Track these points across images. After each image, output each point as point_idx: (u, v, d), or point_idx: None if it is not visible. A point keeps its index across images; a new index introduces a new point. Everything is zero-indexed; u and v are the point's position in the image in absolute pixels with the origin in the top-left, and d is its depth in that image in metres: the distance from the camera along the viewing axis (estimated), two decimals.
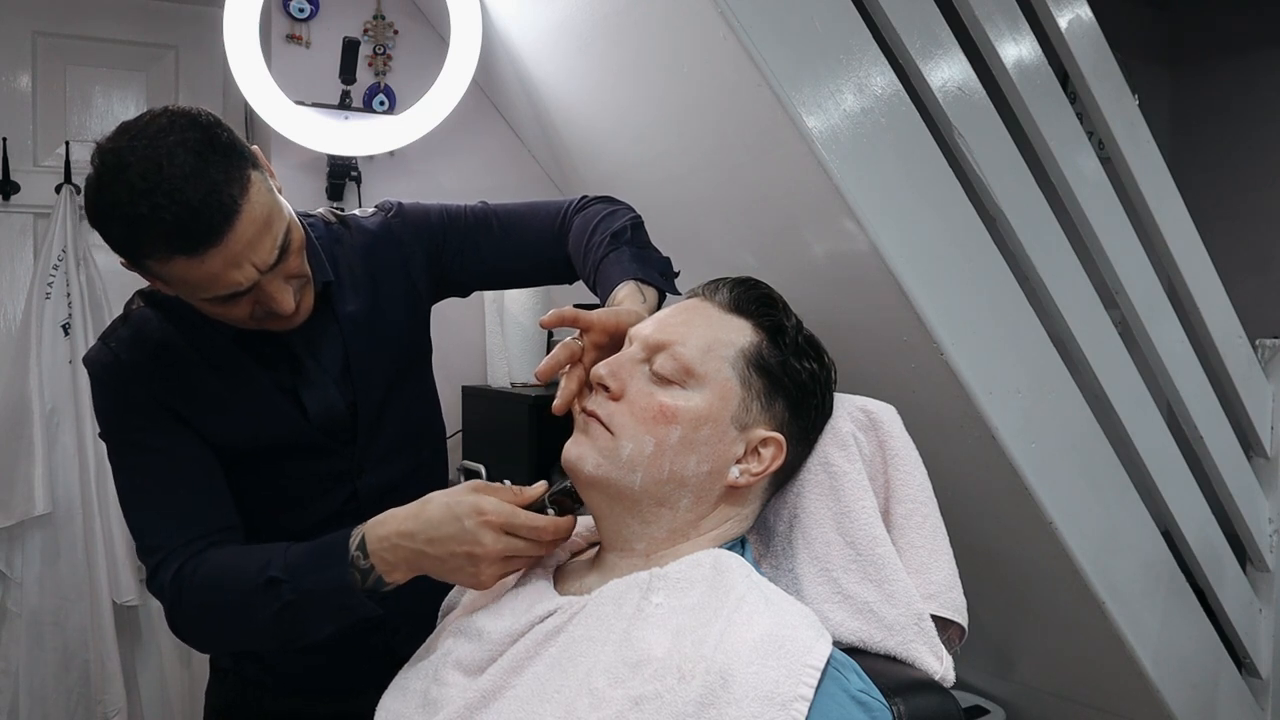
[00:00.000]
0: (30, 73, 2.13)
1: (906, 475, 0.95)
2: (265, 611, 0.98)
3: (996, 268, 1.53)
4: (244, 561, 1.01)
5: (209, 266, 0.95)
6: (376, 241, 1.24)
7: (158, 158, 0.91)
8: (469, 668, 0.85)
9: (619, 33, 1.66)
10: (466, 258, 1.28)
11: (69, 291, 2.07)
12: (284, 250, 1.01)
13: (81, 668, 2.06)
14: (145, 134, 0.93)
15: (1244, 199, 3.41)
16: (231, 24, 1.84)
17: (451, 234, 1.28)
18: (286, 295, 1.04)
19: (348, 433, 1.19)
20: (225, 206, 0.93)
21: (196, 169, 0.92)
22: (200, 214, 0.91)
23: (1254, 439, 1.95)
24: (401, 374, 1.24)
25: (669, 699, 0.72)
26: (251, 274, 0.98)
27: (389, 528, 0.93)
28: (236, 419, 1.12)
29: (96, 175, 0.94)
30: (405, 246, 1.25)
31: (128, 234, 0.93)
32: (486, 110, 2.23)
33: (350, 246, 1.22)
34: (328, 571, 0.95)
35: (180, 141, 0.93)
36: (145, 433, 1.09)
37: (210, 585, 1.01)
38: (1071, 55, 1.68)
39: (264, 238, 0.97)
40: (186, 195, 0.91)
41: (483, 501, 0.89)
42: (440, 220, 1.28)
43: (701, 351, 0.88)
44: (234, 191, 0.94)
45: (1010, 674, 1.97)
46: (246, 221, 0.95)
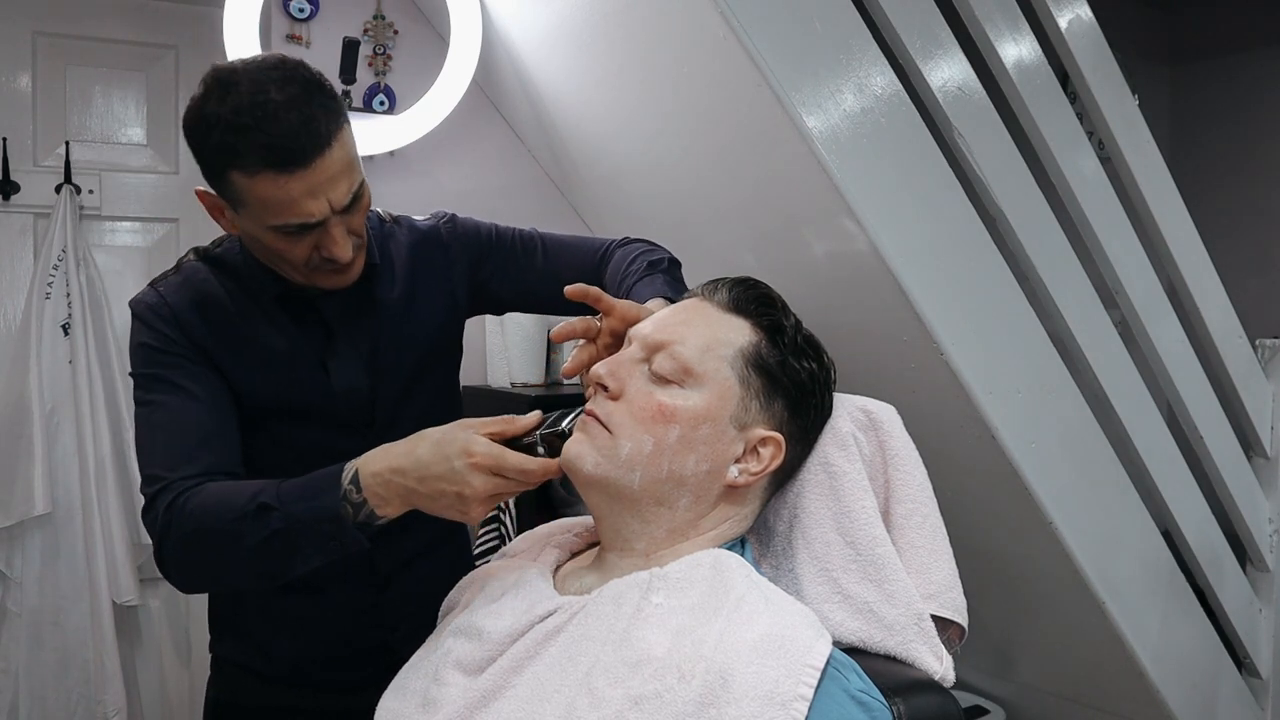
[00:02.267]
0: (30, 73, 2.13)
1: (906, 475, 0.95)
2: (253, 539, 0.97)
3: (996, 268, 1.53)
4: (236, 491, 1.01)
5: (291, 189, 1.00)
6: (424, 241, 1.29)
7: (267, 83, 0.99)
8: (469, 667, 0.85)
9: (619, 33, 1.66)
10: (507, 275, 1.32)
11: (69, 291, 2.07)
12: (355, 199, 1.06)
13: (81, 668, 2.06)
14: (259, 64, 1.02)
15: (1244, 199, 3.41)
16: (231, 24, 1.84)
17: (497, 250, 1.32)
18: (347, 245, 1.08)
19: (366, 415, 1.22)
20: (319, 137, 1.00)
21: (301, 99, 0.99)
22: (297, 136, 0.98)
23: (1254, 439, 1.95)
24: (424, 371, 1.27)
25: (669, 699, 0.72)
26: (324, 208, 1.03)
27: (381, 464, 0.95)
28: (266, 374, 1.16)
29: (204, 88, 1.00)
30: (450, 252, 1.30)
31: (228, 141, 0.98)
32: (486, 110, 2.23)
33: (399, 242, 1.27)
34: (319, 499, 0.96)
35: (290, 77, 1.00)
36: (172, 370, 1.12)
37: (201, 513, 1.01)
38: (1071, 55, 1.68)
39: (343, 179, 1.03)
40: (289, 117, 0.98)
41: (473, 443, 0.90)
42: (489, 236, 1.33)
43: (700, 351, 0.88)
44: (330, 127, 1.01)
45: (1010, 674, 1.97)
46: (332, 159, 1.01)
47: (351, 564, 1.18)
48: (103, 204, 2.18)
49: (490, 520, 1.86)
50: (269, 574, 1.02)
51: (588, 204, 2.26)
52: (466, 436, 0.91)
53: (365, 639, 1.24)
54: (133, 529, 2.13)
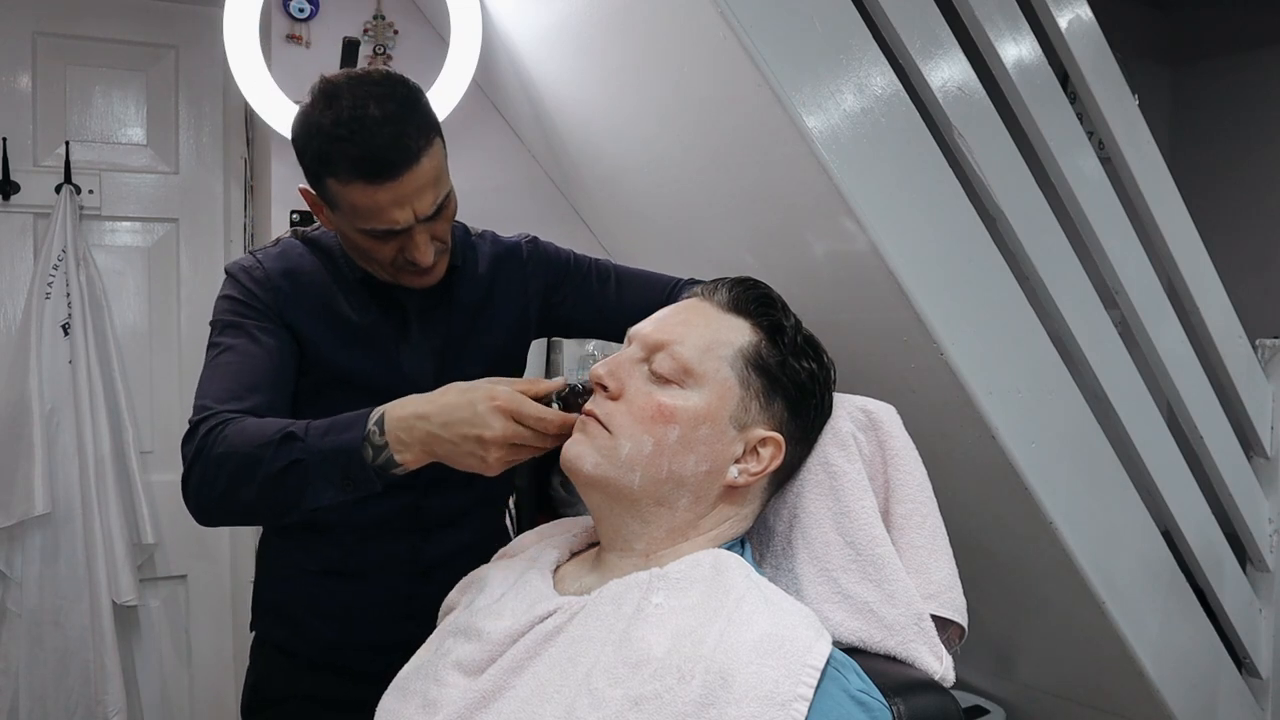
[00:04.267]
0: (30, 73, 2.13)
1: (906, 475, 0.95)
2: (272, 465, 1.00)
3: (996, 268, 1.53)
4: (271, 422, 1.06)
5: (379, 198, 1.09)
6: (507, 255, 1.36)
7: (367, 99, 1.07)
8: (469, 668, 0.85)
9: (619, 33, 1.66)
10: (580, 302, 1.39)
11: (69, 291, 2.07)
12: (440, 209, 1.14)
13: (81, 668, 2.06)
14: (363, 79, 1.10)
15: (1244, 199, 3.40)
16: (231, 24, 1.84)
17: (573, 276, 1.39)
18: (429, 250, 1.16)
19: None
20: (408, 152, 1.08)
21: (395, 116, 1.07)
22: (388, 151, 1.06)
23: (1254, 439, 1.95)
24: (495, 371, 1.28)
25: (669, 699, 0.72)
26: (409, 217, 1.11)
27: (408, 409, 0.98)
28: (342, 345, 1.23)
29: (311, 99, 1.10)
30: (528, 269, 1.37)
31: (325, 152, 1.08)
32: (486, 110, 2.23)
33: (483, 252, 1.34)
34: (343, 435, 0.99)
35: (389, 94, 1.09)
36: (248, 321, 1.20)
37: (233, 436, 1.05)
38: (1071, 55, 1.68)
39: (428, 191, 1.11)
40: (382, 133, 1.06)
41: (496, 388, 0.96)
42: (567, 261, 1.41)
43: (700, 351, 0.88)
44: (420, 144, 1.09)
45: (1010, 674, 1.97)
46: (420, 172, 1.09)
47: (398, 552, 1.27)
48: (103, 204, 2.18)
49: None
50: (281, 505, 1.04)
51: (588, 204, 2.26)
52: (491, 383, 0.98)
53: (399, 630, 1.24)
54: (132, 529, 2.13)
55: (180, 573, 2.28)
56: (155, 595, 2.25)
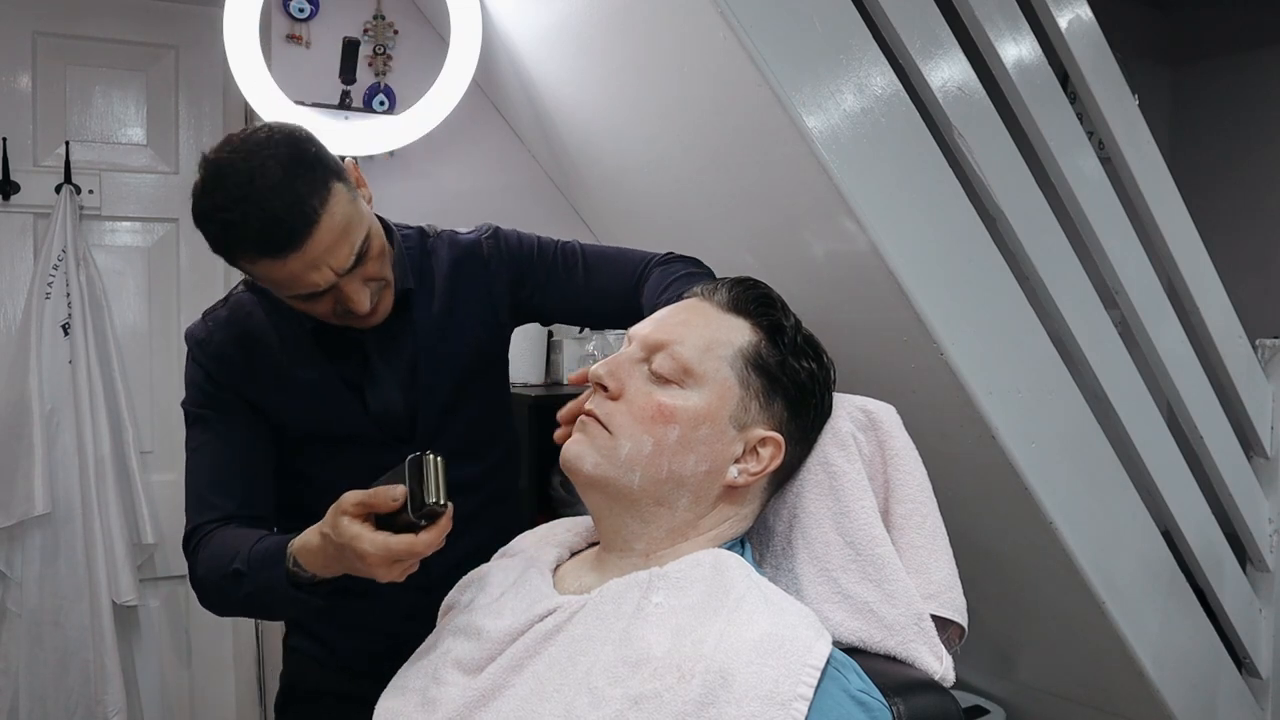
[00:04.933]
0: (30, 73, 2.13)
1: (906, 475, 0.95)
2: (236, 595, 1.09)
3: (996, 268, 1.52)
4: (226, 548, 1.11)
5: (290, 268, 1.05)
6: (465, 256, 1.31)
7: (251, 170, 1.02)
8: (468, 667, 0.85)
9: (619, 33, 1.66)
10: (549, 291, 1.35)
11: (69, 291, 2.07)
12: (361, 256, 1.10)
13: (81, 668, 2.06)
14: (244, 148, 1.04)
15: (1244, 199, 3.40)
16: (231, 24, 1.84)
17: (539, 266, 1.34)
18: (363, 296, 1.13)
19: (406, 431, 1.25)
20: (306, 216, 1.03)
21: (283, 182, 1.02)
22: (283, 222, 1.02)
23: (1254, 439, 1.95)
24: (468, 384, 1.29)
25: (669, 698, 0.72)
26: (329, 276, 1.08)
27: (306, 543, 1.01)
28: (302, 405, 1.22)
29: (200, 182, 1.05)
30: (491, 268, 1.32)
31: (223, 236, 1.05)
32: (486, 110, 2.23)
33: (441, 258, 1.30)
34: (274, 571, 1.05)
35: (273, 155, 1.03)
36: (211, 411, 1.22)
37: (204, 562, 1.14)
38: (1071, 55, 1.68)
39: (341, 245, 1.07)
40: (273, 205, 1.02)
41: (359, 544, 0.92)
42: (530, 250, 1.35)
43: (700, 351, 0.88)
44: (315, 203, 1.04)
45: (1010, 674, 1.97)
46: (325, 230, 1.05)
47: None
48: (103, 204, 2.18)
49: None
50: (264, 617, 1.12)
51: (588, 204, 2.26)
52: (350, 534, 0.93)
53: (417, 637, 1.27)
54: (132, 529, 2.13)
55: (180, 573, 2.28)
56: (155, 595, 2.25)
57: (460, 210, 2.19)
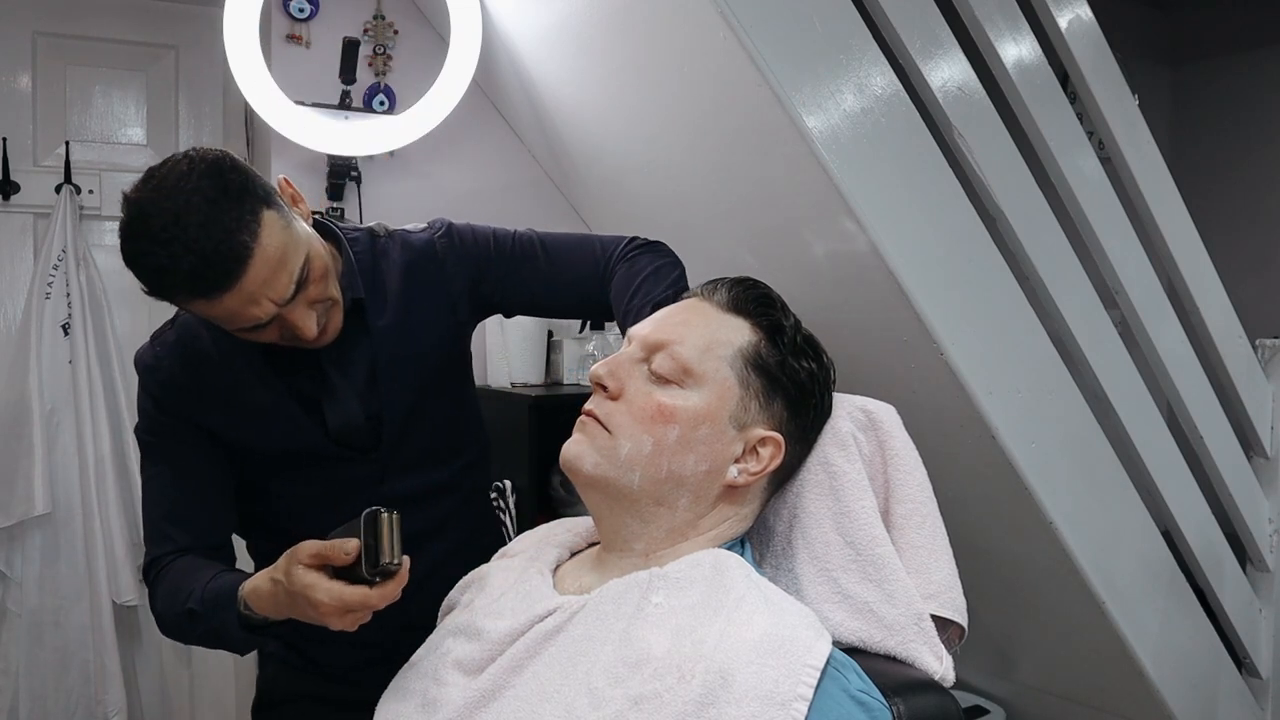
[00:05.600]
0: (30, 73, 2.13)
1: (906, 475, 0.95)
2: (193, 633, 1.09)
3: (996, 268, 1.53)
4: (182, 584, 1.11)
5: (227, 305, 1.01)
6: (419, 257, 1.26)
7: (176, 209, 0.97)
8: (468, 667, 0.85)
9: (619, 33, 1.66)
10: (509, 285, 1.30)
11: (69, 291, 2.07)
12: (302, 282, 1.05)
13: (81, 668, 2.06)
14: (165, 184, 0.98)
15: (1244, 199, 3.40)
16: (231, 24, 1.84)
17: (496, 261, 1.29)
18: (309, 321, 1.08)
19: (369, 442, 1.23)
20: (237, 253, 0.98)
21: (210, 218, 0.97)
22: (213, 262, 0.97)
23: (1254, 439, 1.95)
24: (429, 388, 1.26)
25: (669, 698, 0.72)
26: (270, 309, 1.03)
27: (256, 586, 1.00)
28: (258, 427, 1.18)
29: (125, 224, 1.00)
30: (447, 266, 1.27)
31: (152, 279, 1.00)
32: (486, 110, 2.23)
33: (393, 260, 1.25)
34: (225, 614, 1.04)
35: (196, 189, 0.98)
36: (162, 439, 1.19)
37: (162, 598, 1.13)
38: (1071, 55, 1.68)
39: (279, 275, 1.02)
40: (201, 245, 0.96)
41: (314, 593, 0.91)
42: (486, 247, 1.29)
43: (700, 351, 0.88)
44: (245, 237, 0.99)
45: (1010, 674, 1.97)
46: (259, 263, 1.00)
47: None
48: (103, 204, 2.18)
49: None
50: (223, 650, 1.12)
51: (588, 204, 2.26)
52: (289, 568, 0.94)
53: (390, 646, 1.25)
54: (133, 529, 2.13)
55: None
56: None
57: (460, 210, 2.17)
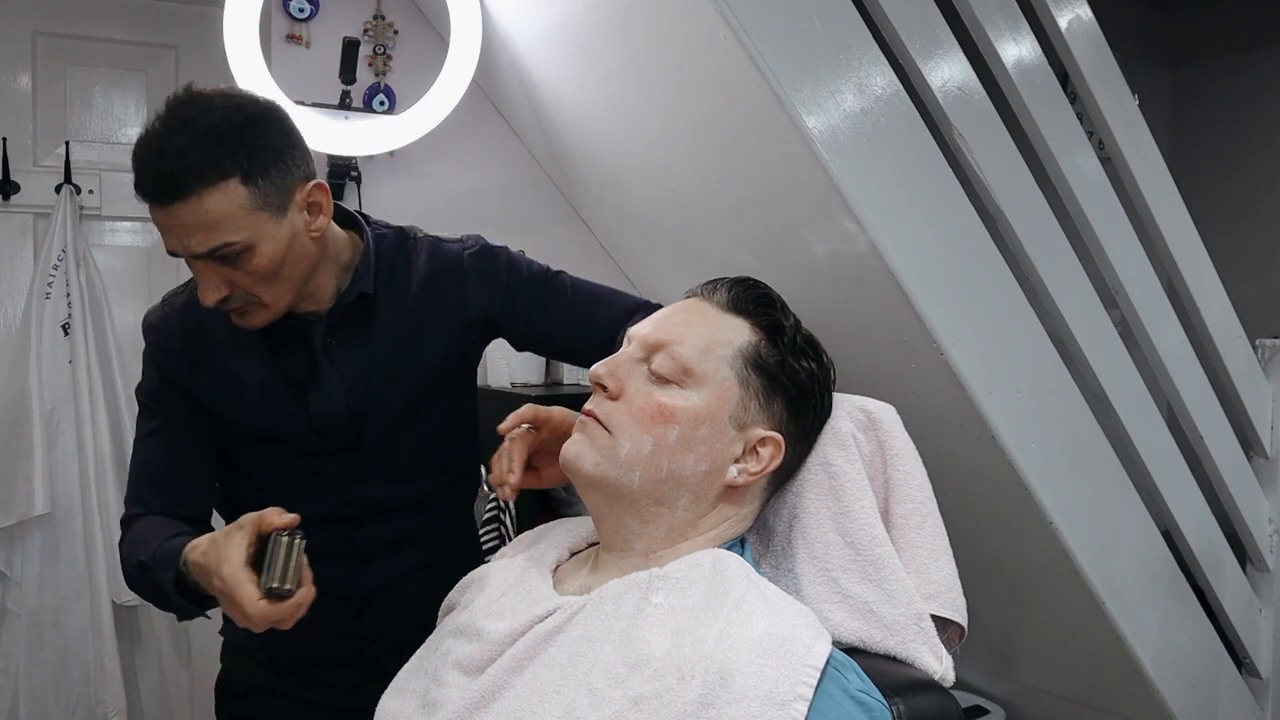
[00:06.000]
0: (30, 73, 2.13)
1: (906, 475, 0.95)
2: (144, 587, 1.12)
3: (996, 268, 1.53)
4: (143, 536, 1.13)
5: (159, 219, 1.06)
6: (445, 267, 1.26)
7: (173, 122, 1.03)
8: (468, 668, 0.85)
9: (619, 33, 1.66)
10: (528, 319, 1.29)
11: (69, 291, 2.07)
12: (223, 258, 1.07)
13: (81, 668, 2.06)
14: (190, 102, 1.06)
15: (1244, 199, 3.41)
16: (231, 24, 1.84)
17: (524, 294, 1.29)
18: (208, 289, 1.09)
19: (349, 440, 1.22)
20: (182, 186, 1.02)
21: (188, 147, 1.02)
22: (163, 179, 1.02)
23: (1254, 439, 1.95)
24: (424, 400, 1.25)
25: (669, 699, 0.72)
26: (178, 247, 1.07)
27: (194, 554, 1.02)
28: (244, 403, 1.20)
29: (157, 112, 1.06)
30: (469, 285, 1.26)
31: (133, 167, 1.05)
32: (486, 110, 2.23)
33: (418, 265, 1.25)
34: (169, 572, 1.06)
35: (201, 116, 1.04)
36: (158, 404, 1.22)
37: (125, 548, 1.16)
38: (1071, 55, 1.68)
39: (199, 233, 1.05)
40: (167, 161, 1.02)
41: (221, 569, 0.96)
42: (519, 277, 1.29)
43: (700, 351, 0.88)
44: (195, 182, 1.02)
45: (1010, 674, 1.97)
46: (190, 210, 1.03)
47: (338, 578, 1.22)
48: (103, 204, 2.18)
49: (490, 520, 1.86)
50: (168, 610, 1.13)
51: (588, 204, 2.26)
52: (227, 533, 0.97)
53: (345, 648, 1.28)
54: None
55: None
56: None
57: (460, 210, 2.19)
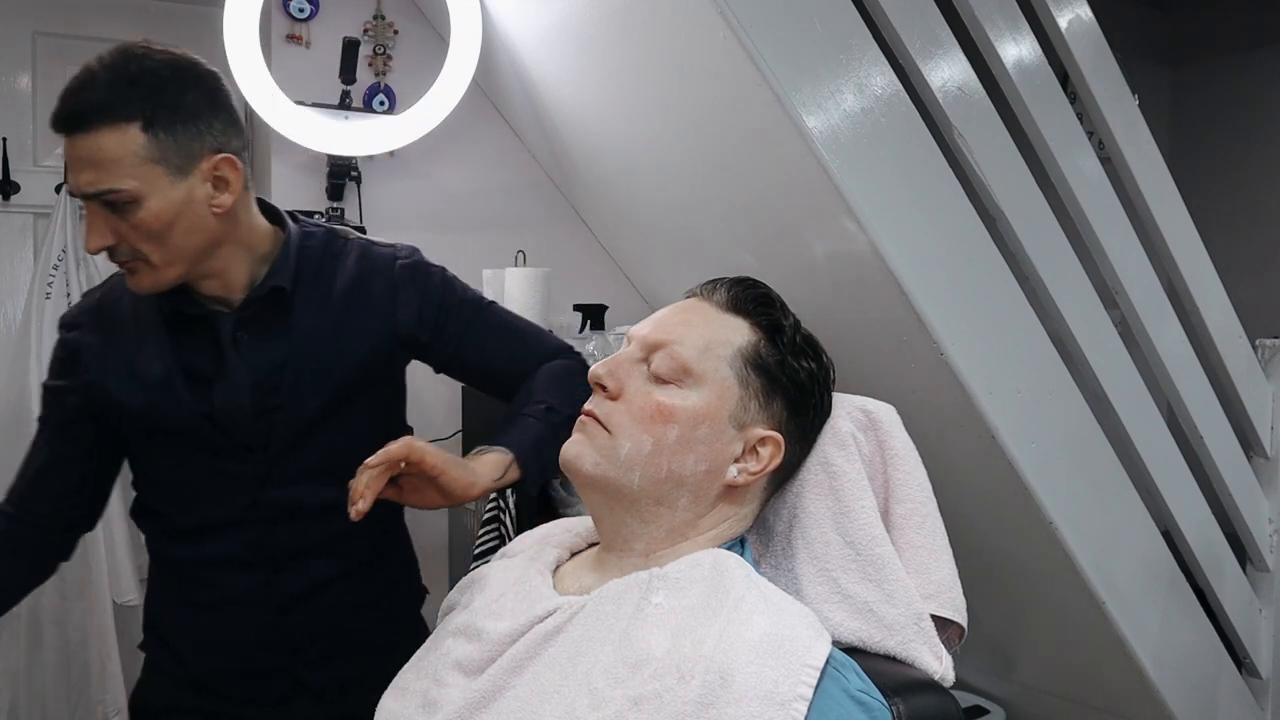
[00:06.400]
0: (30, 73, 2.13)
1: (906, 475, 0.95)
2: None
3: (996, 268, 1.53)
4: None
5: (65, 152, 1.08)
6: (374, 271, 1.24)
7: (111, 63, 1.06)
8: (468, 668, 0.85)
9: (619, 33, 1.66)
10: (458, 342, 1.28)
11: (69, 291, 2.06)
12: (110, 204, 1.07)
13: (81, 668, 2.06)
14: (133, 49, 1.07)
15: (1244, 199, 3.41)
16: (231, 24, 1.84)
17: (455, 313, 1.27)
18: (93, 233, 1.09)
19: (258, 439, 1.19)
20: (83, 117, 1.04)
21: (105, 83, 1.04)
22: (69, 108, 1.04)
23: (1254, 439, 1.95)
24: (341, 403, 1.22)
25: (668, 699, 0.72)
26: (73, 186, 1.08)
27: None
28: (145, 393, 1.17)
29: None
30: (398, 295, 1.24)
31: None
32: (486, 110, 2.23)
33: (346, 266, 1.23)
34: None
35: (133, 62, 1.06)
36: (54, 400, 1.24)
37: None
38: (1071, 55, 1.68)
39: (89, 170, 1.05)
40: (81, 93, 1.04)
41: None
42: (451, 298, 1.28)
43: (699, 351, 0.88)
44: (96, 118, 1.04)
45: (1010, 674, 1.97)
46: (86, 144, 1.04)
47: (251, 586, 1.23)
48: None
49: (490, 520, 1.86)
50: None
51: (588, 204, 2.26)
52: None
53: (267, 659, 1.25)
54: (133, 529, 2.12)
55: None
56: None
57: (460, 210, 2.19)
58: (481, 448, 1.17)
